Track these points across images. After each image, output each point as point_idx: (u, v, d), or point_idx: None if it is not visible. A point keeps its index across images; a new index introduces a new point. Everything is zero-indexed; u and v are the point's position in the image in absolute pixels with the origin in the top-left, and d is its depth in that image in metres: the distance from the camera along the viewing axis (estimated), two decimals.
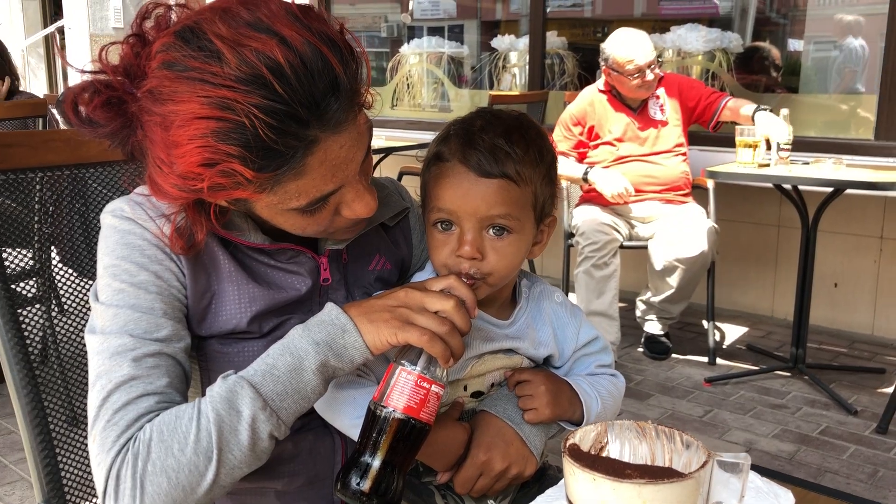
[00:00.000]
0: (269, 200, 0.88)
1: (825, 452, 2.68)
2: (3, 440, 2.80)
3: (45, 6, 8.70)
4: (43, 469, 1.04)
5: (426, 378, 0.84)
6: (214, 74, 0.78)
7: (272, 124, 0.79)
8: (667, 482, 0.60)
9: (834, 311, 3.89)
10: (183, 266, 0.95)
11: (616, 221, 3.42)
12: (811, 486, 0.65)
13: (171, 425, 0.85)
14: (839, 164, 3.09)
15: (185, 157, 0.81)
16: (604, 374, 1.12)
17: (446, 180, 0.98)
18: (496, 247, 0.98)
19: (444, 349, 0.85)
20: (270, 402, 0.85)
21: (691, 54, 4.38)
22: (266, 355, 0.88)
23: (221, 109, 0.78)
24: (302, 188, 0.86)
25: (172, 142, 0.81)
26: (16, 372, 1.03)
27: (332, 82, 0.82)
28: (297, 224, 0.93)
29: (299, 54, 0.80)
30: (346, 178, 0.89)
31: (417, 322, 0.86)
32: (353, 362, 0.88)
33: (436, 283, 0.91)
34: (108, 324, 0.91)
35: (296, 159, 0.83)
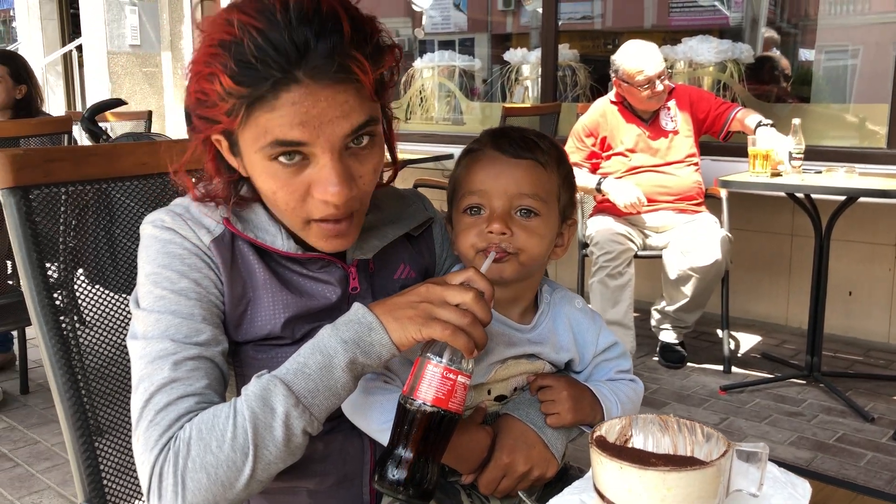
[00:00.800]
0: (245, 137, 0.93)
1: (842, 459, 2.69)
2: (30, 450, 2.86)
3: (63, 25, 8.83)
4: (85, 471, 1.08)
5: (452, 370, 0.86)
6: (240, 7, 0.90)
7: (260, 45, 0.87)
8: (690, 469, 0.64)
9: (849, 319, 3.90)
10: (221, 274, 1.00)
11: (630, 231, 3.45)
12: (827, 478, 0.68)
13: (210, 423, 0.88)
14: (852, 172, 3.11)
15: (195, 67, 0.92)
16: (623, 380, 1.15)
17: (478, 164, 1.05)
18: (524, 226, 1.03)
19: (468, 341, 0.87)
20: (303, 398, 0.88)
21: (702, 65, 4.42)
22: (297, 355, 0.91)
23: (228, 25, 0.89)
24: (269, 123, 0.89)
25: (193, 59, 0.93)
26: (59, 377, 1.07)
27: (332, 29, 0.88)
28: (271, 187, 0.95)
29: (315, 3, 0.89)
30: (316, 138, 0.90)
31: (440, 316, 0.88)
32: (381, 358, 0.91)
33: (456, 276, 0.92)
34: (150, 329, 0.95)
35: (269, 87, 0.88)
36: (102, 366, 1.13)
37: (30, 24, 8.64)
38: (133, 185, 1.20)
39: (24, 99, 3.87)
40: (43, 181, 1.08)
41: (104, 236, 1.20)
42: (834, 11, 4.31)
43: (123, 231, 1.19)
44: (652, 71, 3.34)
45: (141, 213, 1.20)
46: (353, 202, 0.96)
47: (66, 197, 1.12)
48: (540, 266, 1.10)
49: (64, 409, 1.07)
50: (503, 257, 1.02)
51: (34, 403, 3.29)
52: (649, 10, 5.21)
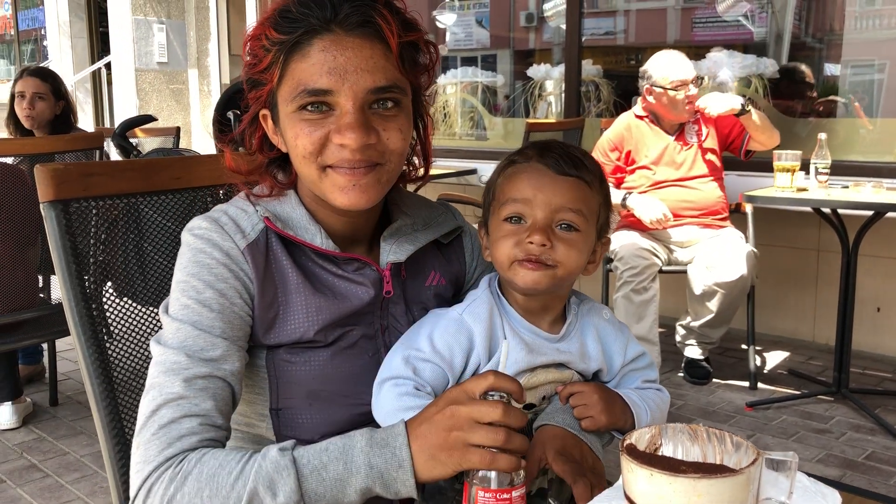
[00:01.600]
0: (283, 94, 1.00)
1: (871, 477, 2.65)
2: (59, 461, 2.89)
3: (92, 43, 8.99)
4: (120, 477, 1.10)
5: (504, 489, 0.86)
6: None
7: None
8: (720, 477, 0.64)
9: (877, 335, 3.86)
10: (252, 281, 1.02)
11: (655, 246, 3.44)
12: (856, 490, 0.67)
13: (213, 471, 0.90)
14: (879, 187, 3.09)
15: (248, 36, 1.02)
16: (650, 388, 1.16)
17: (523, 175, 1.06)
18: (564, 239, 1.05)
19: (509, 461, 0.85)
20: (306, 497, 0.88)
21: (727, 80, 4.41)
22: (325, 449, 0.91)
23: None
24: (302, 73, 0.98)
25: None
26: (96, 386, 1.09)
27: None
28: (294, 132, 1.00)
29: None
30: (341, 86, 0.97)
31: (473, 442, 0.86)
32: (398, 495, 0.91)
33: (476, 385, 0.90)
34: (171, 338, 0.98)
35: (306, 36, 0.97)
36: (130, 378, 1.15)
37: (60, 42, 8.81)
38: (165, 199, 1.22)
39: (62, 115, 3.96)
40: (82, 195, 1.11)
41: (134, 251, 1.23)
42: (860, 26, 4.30)
43: (153, 246, 1.22)
44: (686, 75, 3.35)
45: (170, 227, 1.23)
46: (372, 153, 0.99)
47: (96, 210, 1.15)
48: (572, 279, 1.11)
49: (101, 417, 1.10)
50: (539, 268, 1.04)
51: (63, 415, 3.34)
52: (673, 25, 5.22)
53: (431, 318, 1.10)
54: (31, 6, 11.33)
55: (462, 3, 5.97)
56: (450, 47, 6.03)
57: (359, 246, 1.12)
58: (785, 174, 3.21)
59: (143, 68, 7.35)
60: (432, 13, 5.89)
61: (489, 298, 1.10)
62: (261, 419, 1.10)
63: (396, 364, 1.04)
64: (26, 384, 3.58)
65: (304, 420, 1.05)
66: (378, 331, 1.10)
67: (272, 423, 1.08)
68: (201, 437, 0.94)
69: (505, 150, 5.05)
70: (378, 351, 1.09)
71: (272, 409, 1.07)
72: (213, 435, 0.96)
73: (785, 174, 3.21)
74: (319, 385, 1.06)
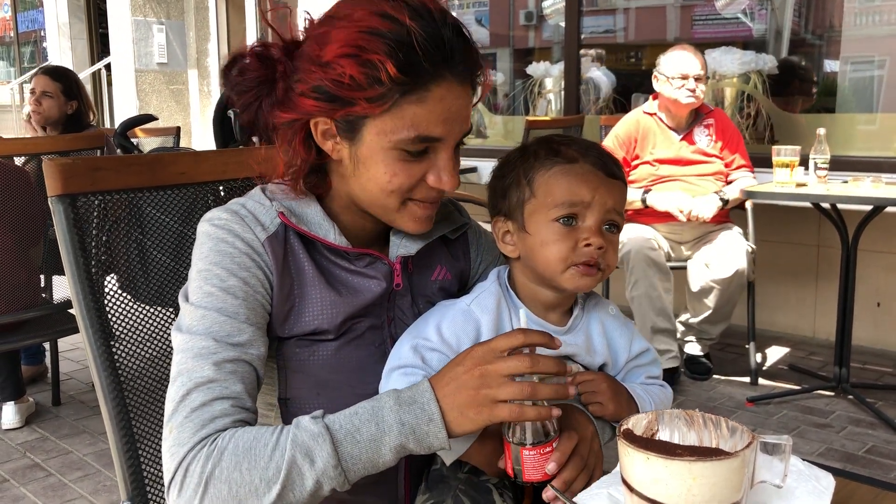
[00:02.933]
0: (382, 126, 0.98)
1: (871, 471, 2.67)
2: (63, 460, 2.91)
3: (92, 44, 9.02)
4: (128, 469, 1.11)
5: (546, 444, 0.92)
6: (392, 5, 0.96)
7: (423, 41, 0.94)
8: (715, 459, 0.66)
9: (877, 330, 3.87)
10: (272, 272, 1.03)
11: (657, 237, 3.46)
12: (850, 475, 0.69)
13: (248, 444, 0.91)
14: (878, 182, 3.10)
15: (336, 47, 0.96)
16: (654, 384, 1.18)
17: (576, 177, 1.06)
18: (611, 241, 1.07)
19: (538, 412, 0.89)
20: (343, 462, 0.90)
21: (726, 77, 4.42)
22: (354, 413, 0.93)
23: (384, 18, 0.95)
24: (417, 117, 0.97)
25: (330, 39, 0.97)
26: (104, 380, 1.11)
27: (468, 47, 1.00)
28: (389, 171, 1.01)
29: (452, 18, 0.98)
30: (449, 133, 1.00)
31: (501, 398, 0.89)
32: (431, 448, 0.93)
33: (504, 342, 0.92)
34: (196, 324, 0.99)
35: (426, 81, 0.96)
36: (133, 378, 1.15)
37: (60, 44, 8.83)
38: (168, 195, 1.23)
39: (75, 114, 3.98)
40: (89, 189, 1.13)
41: (136, 249, 1.24)
42: (859, 22, 4.30)
43: (155, 244, 1.22)
44: (688, 69, 3.38)
45: (172, 225, 1.23)
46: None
47: (100, 207, 1.15)
48: None
49: (109, 412, 1.11)
50: (596, 274, 1.06)
51: (66, 414, 3.36)
52: (672, 22, 5.22)
53: (440, 309, 1.11)
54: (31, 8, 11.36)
55: (461, 1, 5.98)
56: None
57: (369, 240, 1.13)
58: (784, 169, 3.22)
59: (142, 69, 7.38)
60: None
61: (497, 290, 1.12)
62: (269, 409, 1.11)
63: (405, 353, 1.06)
64: (29, 384, 3.59)
65: (312, 409, 1.06)
66: (385, 322, 1.12)
67: (280, 413, 1.09)
68: (234, 419, 0.95)
69: (505, 147, 5.06)
70: (384, 342, 1.11)
71: (280, 398, 1.09)
72: (245, 416, 0.97)
73: (784, 169, 3.22)
74: (327, 375, 1.07)
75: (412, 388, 0.95)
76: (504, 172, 1.13)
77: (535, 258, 1.08)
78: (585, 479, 0.97)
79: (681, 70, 3.39)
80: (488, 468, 1.04)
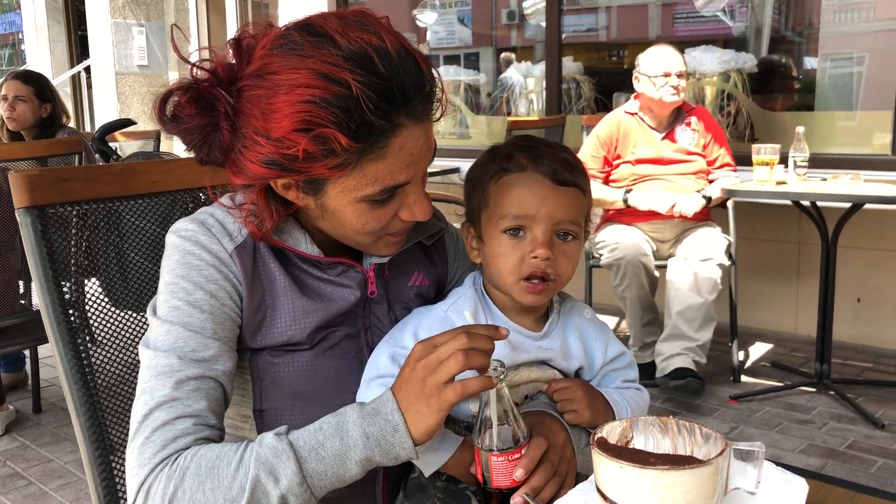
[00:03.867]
0: (345, 185, 0.95)
1: (853, 466, 2.68)
2: (43, 468, 2.88)
3: (71, 47, 8.93)
4: (101, 483, 1.10)
5: (514, 451, 0.93)
6: (326, 52, 0.88)
7: (372, 98, 0.88)
8: (688, 468, 0.65)
9: (858, 326, 3.90)
10: (241, 283, 1.02)
11: (647, 241, 3.46)
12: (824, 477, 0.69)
13: (211, 464, 0.90)
14: (857, 179, 3.12)
15: (284, 122, 0.89)
16: (630, 388, 1.18)
17: (522, 188, 1.04)
18: (564, 250, 1.05)
19: (480, 381, 0.89)
20: (309, 478, 0.90)
21: (706, 75, 4.44)
22: (319, 428, 0.92)
23: (327, 81, 0.88)
24: (379, 172, 0.94)
25: (273, 109, 0.89)
26: (75, 393, 1.09)
27: (420, 78, 0.93)
28: (360, 219, 0.99)
29: (397, 51, 0.91)
30: (415, 174, 0.97)
31: (444, 378, 0.88)
32: (398, 459, 0.92)
33: (443, 335, 0.93)
34: (161, 340, 0.98)
35: (383, 137, 0.91)
36: (113, 384, 1.15)
37: (38, 46, 8.74)
38: (144, 203, 1.22)
39: (49, 117, 3.96)
40: (58, 200, 1.11)
41: (115, 254, 1.23)
42: (838, 19, 4.34)
43: (134, 249, 1.21)
44: (670, 67, 3.39)
45: (151, 230, 1.22)
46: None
47: (77, 218, 1.15)
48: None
49: (80, 424, 1.09)
50: (545, 288, 1.04)
51: (47, 422, 3.32)
52: (654, 21, 5.25)
53: (416, 316, 1.11)
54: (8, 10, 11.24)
55: (444, 1, 5.98)
56: (432, 46, 6.03)
57: (342, 247, 1.12)
58: (764, 168, 3.23)
59: (122, 71, 7.32)
60: (412, 12, 5.89)
61: (473, 296, 1.11)
62: (244, 421, 1.10)
63: (383, 362, 1.05)
64: (9, 391, 3.56)
65: (288, 420, 1.06)
66: (360, 331, 1.11)
67: (256, 425, 1.08)
68: (196, 437, 0.94)
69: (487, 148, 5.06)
70: (361, 350, 1.10)
71: (255, 410, 1.08)
72: (208, 434, 0.96)
73: (764, 168, 3.23)
74: (303, 386, 1.06)
75: (376, 399, 0.94)
76: (471, 176, 1.12)
77: (490, 268, 1.09)
78: (556, 485, 0.97)
79: (663, 68, 3.39)
80: (466, 477, 1.03)
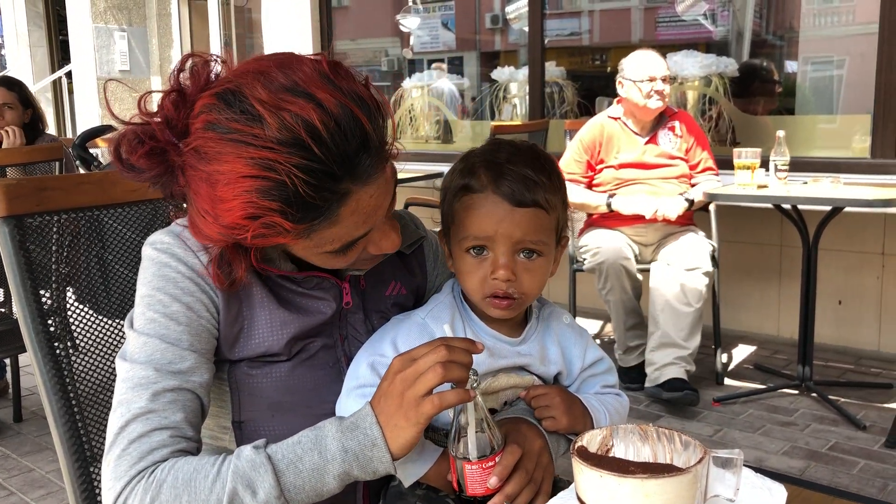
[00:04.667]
0: (305, 245, 0.96)
1: (835, 468, 2.71)
2: (24, 478, 2.85)
3: (52, 52, 8.86)
4: (81, 495, 1.09)
5: (487, 458, 0.93)
6: (256, 136, 0.85)
7: (310, 181, 0.87)
8: (667, 476, 0.66)
9: (839, 328, 3.93)
10: (217, 296, 1.02)
11: (628, 243, 3.47)
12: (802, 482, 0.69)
13: (188, 477, 0.90)
14: (837, 182, 3.15)
15: (231, 212, 0.89)
16: (609, 393, 1.18)
17: (481, 210, 1.04)
18: (528, 268, 1.05)
19: (457, 394, 0.89)
20: (286, 492, 0.90)
21: (688, 80, 4.47)
22: (297, 442, 0.92)
23: (264, 169, 0.86)
24: (335, 235, 0.94)
25: (218, 197, 0.89)
26: (54, 403, 1.08)
27: (363, 140, 0.90)
28: (329, 262, 1.01)
29: (334, 116, 0.87)
30: (374, 222, 0.97)
31: (422, 391, 0.89)
32: (376, 473, 0.92)
33: (421, 349, 0.93)
34: (138, 352, 0.97)
35: (330, 210, 0.91)
36: (95, 392, 1.14)
37: (19, 51, 8.67)
38: (125, 211, 1.22)
39: (31, 122, 3.94)
40: (36, 210, 1.10)
41: (96, 262, 1.22)
42: (818, 23, 4.37)
43: (115, 257, 1.21)
44: (654, 72, 3.40)
45: (132, 238, 1.22)
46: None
47: (58, 225, 1.14)
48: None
49: (59, 435, 1.09)
50: (510, 304, 1.05)
51: (28, 431, 3.29)
52: (637, 24, 5.27)
53: (394, 324, 1.11)
54: None
55: (427, 5, 5.98)
56: (416, 50, 6.03)
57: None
58: (745, 171, 3.26)
59: (104, 76, 7.26)
60: (396, 17, 5.89)
61: (452, 303, 1.12)
62: (223, 432, 1.09)
63: (363, 372, 1.05)
64: None
65: (267, 432, 1.05)
66: (337, 341, 1.10)
67: (235, 436, 1.08)
68: (172, 449, 0.94)
69: None
70: (338, 360, 1.10)
71: (234, 421, 1.07)
72: (184, 446, 0.95)
73: (745, 171, 3.26)
74: (281, 397, 1.06)
75: (355, 413, 0.94)
76: (443, 184, 1.13)
77: (460, 283, 1.10)
78: (531, 492, 0.97)
79: (648, 72, 3.40)
80: (446, 486, 1.03)
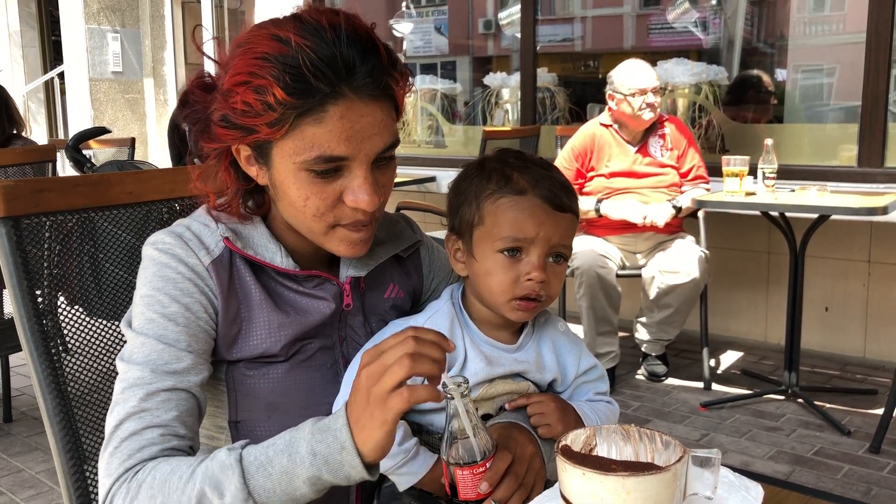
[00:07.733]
0: (284, 148, 0.97)
1: (820, 472, 2.74)
2: (14, 478, 2.85)
3: (44, 52, 8.85)
4: (75, 492, 1.10)
5: (476, 465, 0.93)
6: (288, 23, 0.96)
7: (314, 60, 0.93)
8: (647, 474, 0.68)
9: (825, 335, 3.97)
10: (216, 297, 1.03)
11: (610, 251, 3.51)
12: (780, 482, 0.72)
13: (164, 477, 0.91)
14: (824, 190, 3.19)
15: (231, 76, 0.96)
16: (601, 401, 1.20)
17: (523, 212, 1.06)
18: (556, 272, 1.08)
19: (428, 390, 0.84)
20: (256, 494, 0.87)
21: (678, 88, 4.50)
22: (272, 443, 0.90)
23: (278, 41, 0.94)
24: (316, 138, 0.95)
25: (230, 66, 0.97)
26: (49, 402, 1.10)
27: (371, 56, 0.96)
28: (302, 192, 0.99)
29: (355, 27, 0.97)
30: (357, 152, 0.97)
31: (389, 386, 0.83)
32: (349, 479, 0.88)
33: (389, 340, 0.87)
34: (136, 352, 0.99)
35: (321, 101, 0.94)
36: (86, 393, 1.15)
37: (11, 52, 8.65)
38: (119, 213, 1.23)
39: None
40: (33, 211, 1.12)
41: (89, 264, 1.23)
42: (808, 31, 4.42)
43: (108, 258, 1.22)
44: (645, 83, 3.42)
45: (126, 239, 1.23)
46: (378, 210, 1.04)
47: (50, 225, 1.15)
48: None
49: (54, 433, 1.10)
50: (535, 307, 1.08)
51: (18, 431, 3.29)
52: (629, 31, 5.31)
53: (393, 328, 1.12)
54: None
55: (420, 10, 6.01)
56: (408, 55, 6.05)
57: (319, 260, 1.13)
58: (734, 179, 3.29)
59: (97, 78, 7.26)
60: (389, 21, 5.92)
61: (451, 310, 1.13)
62: (220, 432, 1.11)
63: None
64: None
65: (263, 432, 1.06)
66: (336, 342, 1.12)
67: (231, 436, 1.09)
68: (162, 447, 0.95)
69: (464, 157, 5.09)
70: (336, 362, 1.11)
71: (231, 421, 1.09)
72: (176, 444, 0.96)
73: (734, 179, 3.29)
74: (278, 397, 1.07)
75: (333, 414, 0.91)
76: (459, 189, 1.13)
77: (480, 284, 1.10)
78: (522, 497, 0.97)
79: (638, 85, 3.43)
80: (440, 492, 1.05)
